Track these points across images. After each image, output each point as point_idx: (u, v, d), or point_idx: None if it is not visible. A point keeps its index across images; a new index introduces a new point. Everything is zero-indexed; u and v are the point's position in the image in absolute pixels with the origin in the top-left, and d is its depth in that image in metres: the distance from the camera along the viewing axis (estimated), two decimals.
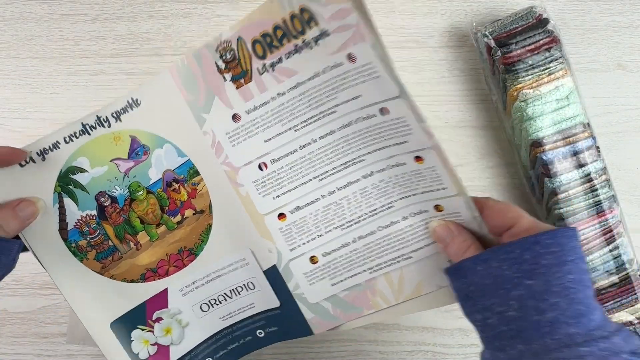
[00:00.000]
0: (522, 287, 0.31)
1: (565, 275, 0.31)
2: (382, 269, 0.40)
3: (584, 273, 0.32)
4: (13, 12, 0.63)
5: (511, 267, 0.32)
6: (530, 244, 0.32)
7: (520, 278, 0.32)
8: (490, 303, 0.33)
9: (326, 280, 0.41)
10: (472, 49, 0.63)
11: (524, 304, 0.31)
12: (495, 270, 0.33)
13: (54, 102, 0.63)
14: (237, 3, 0.64)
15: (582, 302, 0.31)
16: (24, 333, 0.60)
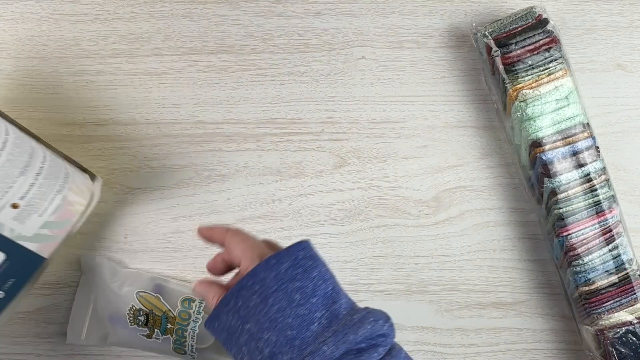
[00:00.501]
0: (245, 333, 0.35)
1: (271, 308, 0.35)
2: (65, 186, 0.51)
3: (295, 292, 0.35)
4: (13, 12, 0.63)
5: (234, 317, 0.36)
6: (237, 291, 0.36)
7: (242, 324, 0.35)
8: (233, 353, 0.37)
9: (33, 215, 0.48)
10: (471, 49, 0.63)
11: (249, 347, 0.35)
12: (225, 323, 0.36)
13: (55, 102, 0.63)
14: (237, 3, 0.64)
15: (292, 325, 0.34)
16: (24, 333, 0.60)
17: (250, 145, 0.62)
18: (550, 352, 0.61)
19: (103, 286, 0.58)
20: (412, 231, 0.62)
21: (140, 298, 0.57)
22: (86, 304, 0.59)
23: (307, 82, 0.63)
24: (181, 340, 0.56)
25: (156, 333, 0.57)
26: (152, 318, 0.56)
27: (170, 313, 0.57)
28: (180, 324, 0.56)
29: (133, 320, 0.57)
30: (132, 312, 0.57)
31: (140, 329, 0.57)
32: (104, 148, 0.62)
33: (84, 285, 0.59)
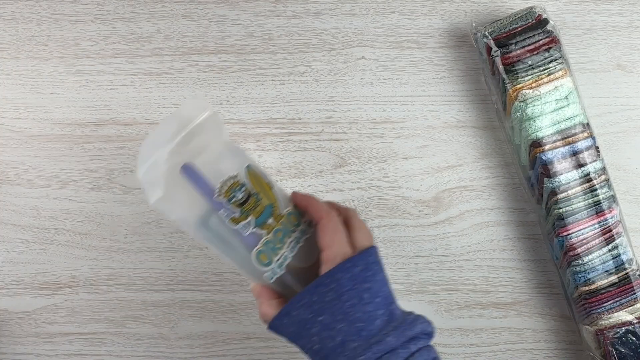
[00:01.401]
0: (318, 324, 0.40)
1: (344, 304, 0.40)
2: None
3: (365, 292, 0.41)
4: (14, 13, 0.63)
5: (306, 311, 0.41)
6: (314, 288, 0.41)
7: (315, 317, 0.41)
8: (302, 343, 0.42)
9: None
10: (471, 49, 0.63)
11: (322, 336, 0.40)
12: (296, 317, 0.41)
13: (55, 102, 0.63)
14: (237, 3, 0.64)
15: (361, 319, 0.40)
16: (24, 333, 0.60)
17: (250, 145, 0.62)
18: (550, 352, 0.61)
19: (204, 129, 0.43)
20: (412, 231, 0.62)
21: (250, 173, 0.44)
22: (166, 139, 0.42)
23: (307, 82, 0.63)
24: (276, 244, 0.44)
25: (249, 221, 0.43)
26: (254, 202, 0.44)
27: (278, 209, 0.44)
28: (285, 225, 0.44)
29: (227, 191, 0.43)
30: (231, 184, 0.43)
31: (229, 206, 0.42)
32: (104, 148, 0.62)
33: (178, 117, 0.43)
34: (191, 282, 0.61)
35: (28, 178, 0.62)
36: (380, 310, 0.41)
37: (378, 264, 0.43)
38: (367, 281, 0.41)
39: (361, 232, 0.44)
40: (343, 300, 0.40)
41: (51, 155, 0.62)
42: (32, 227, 0.62)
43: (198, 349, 0.61)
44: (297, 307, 0.41)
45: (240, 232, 0.43)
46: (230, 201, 0.42)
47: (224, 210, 0.42)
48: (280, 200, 0.45)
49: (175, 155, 0.42)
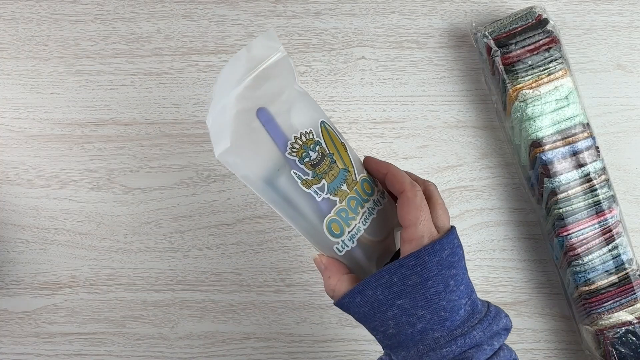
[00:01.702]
0: (395, 307, 0.37)
1: (429, 290, 0.37)
2: None
3: (450, 278, 0.37)
4: (14, 13, 0.63)
5: (383, 291, 0.37)
6: (396, 268, 0.37)
7: (392, 299, 0.37)
8: (374, 325, 0.39)
9: None
10: (471, 49, 0.63)
11: (399, 321, 0.37)
12: (371, 297, 0.38)
13: (54, 102, 0.63)
14: (237, 3, 0.64)
15: (445, 308, 0.37)
16: (24, 333, 0.60)
17: None
18: (550, 352, 0.61)
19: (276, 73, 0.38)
20: None
21: (325, 130, 0.40)
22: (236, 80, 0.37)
23: (307, 82, 0.63)
24: (349, 214, 0.39)
25: (322, 185, 0.38)
26: (328, 163, 0.39)
27: (354, 174, 0.40)
28: (359, 193, 0.40)
29: (299, 149, 0.38)
30: (304, 141, 0.38)
31: (300, 166, 0.38)
32: (104, 148, 0.62)
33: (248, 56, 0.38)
34: (191, 282, 0.61)
35: (28, 178, 0.62)
36: (464, 300, 0.38)
37: (461, 248, 0.39)
38: (454, 267, 0.38)
39: (443, 210, 0.40)
40: (428, 286, 0.37)
41: (51, 155, 0.62)
42: (32, 227, 0.62)
43: (198, 349, 0.61)
44: (374, 286, 0.37)
45: (313, 197, 0.38)
46: (303, 160, 0.38)
47: (296, 170, 0.38)
48: (355, 164, 0.40)
49: (244, 101, 0.37)
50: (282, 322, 0.61)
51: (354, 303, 0.39)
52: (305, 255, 0.62)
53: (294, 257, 0.62)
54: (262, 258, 0.62)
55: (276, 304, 0.61)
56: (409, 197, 0.38)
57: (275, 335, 0.61)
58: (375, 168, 0.41)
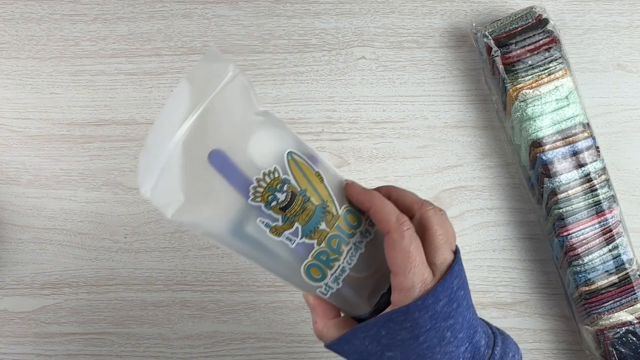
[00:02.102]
0: (386, 358, 0.34)
1: (421, 345, 0.33)
2: None
3: (447, 330, 0.33)
4: (14, 12, 0.63)
5: (372, 343, 0.34)
6: (384, 322, 0.33)
7: (382, 351, 0.34)
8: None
9: None
10: (471, 49, 0.63)
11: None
12: (359, 347, 0.35)
13: (54, 102, 0.63)
14: (237, 3, 0.64)
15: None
16: (24, 333, 0.60)
17: None
18: (550, 352, 0.61)
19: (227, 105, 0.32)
20: None
21: (293, 163, 0.34)
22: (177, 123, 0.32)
23: (307, 82, 0.63)
24: (330, 255, 0.35)
25: (295, 230, 0.34)
26: (300, 203, 0.34)
27: (333, 208, 0.35)
28: (342, 229, 0.35)
29: (264, 193, 0.33)
30: (270, 181, 0.33)
31: (267, 212, 0.33)
32: (104, 148, 0.62)
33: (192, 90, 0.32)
34: (191, 282, 0.61)
35: (28, 178, 0.62)
36: (463, 347, 0.34)
37: (463, 287, 0.34)
38: (451, 316, 0.33)
39: (442, 243, 0.34)
40: (420, 341, 0.33)
41: (51, 155, 0.62)
42: (31, 227, 0.62)
43: (198, 349, 0.61)
44: (361, 337, 0.35)
45: (285, 245, 0.34)
46: (269, 205, 0.33)
47: (262, 218, 0.33)
48: (334, 195, 0.35)
49: (192, 146, 0.31)
50: (282, 322, 0.61)
51: (342, 350, 0.36)
52: None
53: None
54: None
55: (276, 304, 0.61)
56: (395, 239, 0.33)
57: (275, 335, 0.61)
58: (357, 200, 0.36)
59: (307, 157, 0.35)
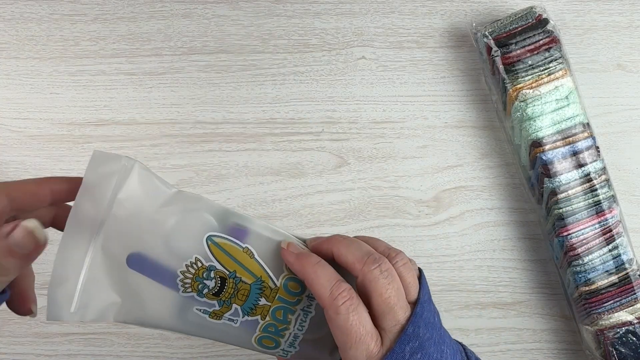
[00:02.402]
0: None
1: None
2: None
3: None
4: (13, 12, 0.63)
5: None
6: None
7: None
8: None
9: None
10: (471, 49, 0.63)
11: None
12: None
13: (54, 102, 0.63)
14: (237, 3, 0.64)
15: None
16: (24, 333, 0.60)
17: (250, 145, 0.62)
18: (550, 352, 0.61)
19: (132, 207, 0.32)
20: (412, 231, 0.62)
21: (215, 247, 0.33)
22: (85, 240, 0.32)
23: (307, 82, 0.63)
24: (278, 327, 0.34)
25: (234, 311, 0.34)
26: (233, 286, 0.33)
27: (270, 282, 0.34)
28: (285, 299, 0.34)
29: (192, 284, 0.32)
30: (195, 272, 0.32)
31: (201, 300, 0.33)
32: (103, 148, 0.62)
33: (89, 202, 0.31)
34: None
35: None
36: None
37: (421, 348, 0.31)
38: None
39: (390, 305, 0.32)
40: None
41: (51, 155, 0.62)
42: None
43: (198, 349, 0.61)
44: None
45: (229, 325, 0.33)
46: (201, 293, 0.32)
47: (198, 306, 0.32)
48: (270, 268, 0.33)
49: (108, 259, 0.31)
50: None
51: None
52: None
53: None
54: None
55: None
56: (330, 316, 0.31)
57: None
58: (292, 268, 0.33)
59: (232, 233, 0.33)
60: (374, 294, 0.32)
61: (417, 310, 0.32)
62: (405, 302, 0.33)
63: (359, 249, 0.33)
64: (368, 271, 0.32)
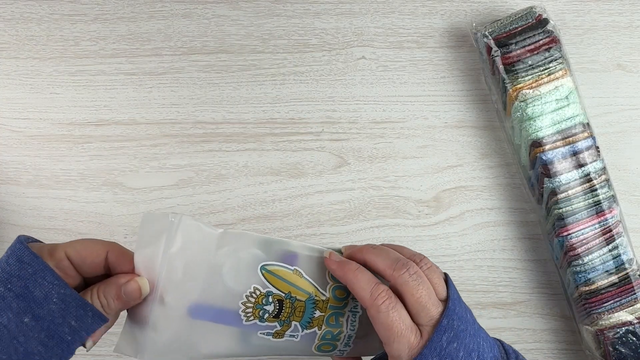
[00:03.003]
0: None
1: None
2: None
3: None
4: (13, 12, 0.63)
5: None
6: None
7: None
8: None
9: None
10: (471, 49, 0.63)
11: None
12: None
13: (54, 102, 0.63)
14: (237, 3, 0.64)
15: None
16: None
17: (250, 145, 0.62)
18: (550, 352, 0.61)
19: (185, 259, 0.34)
20: (412, 231, 0.62)
21: (269, 275, 0.36)
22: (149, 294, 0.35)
23: (307, 82, 0.63)
24: (333, 332, 0.38)
25: (293, 328, 0.37)
26: (290, 306, 0.36)
27: (320, 295, 0.37)
28: (335, 307, 0.37)
29: (254, 312, 0.35)
30: (255, 300, 0.35)
31: (263, 324, 0.36)
32: (103, 148, 0.62)
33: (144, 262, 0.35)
34: None
35: (28, 178, 0.62)
36: None
37: (456, 338, 0.34)
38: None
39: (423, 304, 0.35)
40: None
41: (51, 155, 0.62)
42: (31, 227, 0.62)
43: None
44: None
45: (291, 341, 0.37)
46: (263, 319, 0.35)
47: (261, 330, 0.35)
48: (318, 283, 0.36)
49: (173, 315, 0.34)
50: None
51: None
52: None
53: None
54: None
55: None
56: (372, 315, 0.35)
57: None
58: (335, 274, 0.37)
59: (281, 259, 0.36)
60: (406, 295, 0.35)
61: (449, 305, 0.35)
62: (437, 300, 0.36)
63: (387, 257, 0.37)
64: (398, 276, 0.35)
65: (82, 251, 0.35)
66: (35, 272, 0.33)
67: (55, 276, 0.33)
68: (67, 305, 0.33)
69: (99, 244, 0.37)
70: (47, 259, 0.34)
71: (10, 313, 0.32)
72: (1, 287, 0.32)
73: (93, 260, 0.36)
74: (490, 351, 0.36)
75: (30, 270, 0.33)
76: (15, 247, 0.34)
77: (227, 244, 0.35)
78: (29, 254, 0.33)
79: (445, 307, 0.35)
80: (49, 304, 0.32)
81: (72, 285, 0.35)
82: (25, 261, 0.33)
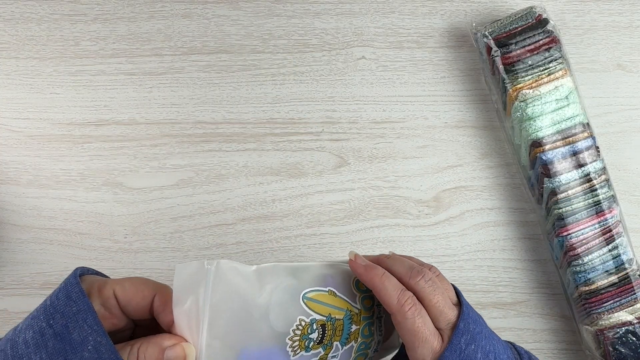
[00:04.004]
0: None
1: None
2: None
3: None
4: (13, 12, 0.63)
5: None
6: None
7: None
8: None
9: None
10: (471, 49, 0.63)
11: None
12: None
13: (54, 102, 0.63)
14: (237, 3, 0.64)
15: None
16: None
17: (250, 145, 0.62)
18: (550, 352, 0.61)
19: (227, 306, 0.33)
20: (412, 231, 0.62)
21: (310, 302, 0.35)
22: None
23: (307, 82, 0.63)
24: (367, 342, 0.38)
25: (334, 348, 0.36)
26: (331, 328, 0.36)
27: (354, 308, 0.37)
28: (366, 318, 0.38)
29: (300, 344, 0.34)
30: (301, 332, 0.34)
31: (309, 353, 0.35)
32: (103, 148, 0.62)
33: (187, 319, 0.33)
34: None
35: (28, 178, 0.62)
36: None
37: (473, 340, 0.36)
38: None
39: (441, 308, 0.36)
40: None
41: (51, 155, 0.62)
42: (31, 227, 0.62)
43: None
44: None
45: None
46: (308, 348, 0.34)
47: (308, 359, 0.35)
48: (348, 297, 0.37)
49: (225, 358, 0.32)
50: None
51: None
52: (305, 255, 0.62)
53: (294, 257, 0.62)
54: (262, 258, 0.62)
55: None
56: (399, 321, 0.36)
57: None
58: (362, 280, 0.38)
59: (315, 282, 0.36)
60: (424, 301, 0.36)
61: (464, 309, 0.37)
62: (452, 304, 0.37)
63: (402, 265, 0.38)
64: (415, 283, 0.37)
65: (129, 291, 0.33)
66: (78, 311, 0.31)
67: (96, 321, 0.31)
68: (99, 357, 0.31)
69: (148, 285, 0.34)
70: (95, 297, 0.33)
71: (44, 353, 0.30)
72: (44, 321, 0.31)
73: (138, 302, 0.34)
74: (504, 352, 0.37)
75: (75, 309, 0.31)
76: (69, 280, 0.33)
77: (266, 282, 0.34)
78: (78, 291, 0.32)
79: (460, 311, 0.37)
80: (82, 350, 0.31)
81: (119, 326, 0.34)
82: (72, 298, 0.31)
